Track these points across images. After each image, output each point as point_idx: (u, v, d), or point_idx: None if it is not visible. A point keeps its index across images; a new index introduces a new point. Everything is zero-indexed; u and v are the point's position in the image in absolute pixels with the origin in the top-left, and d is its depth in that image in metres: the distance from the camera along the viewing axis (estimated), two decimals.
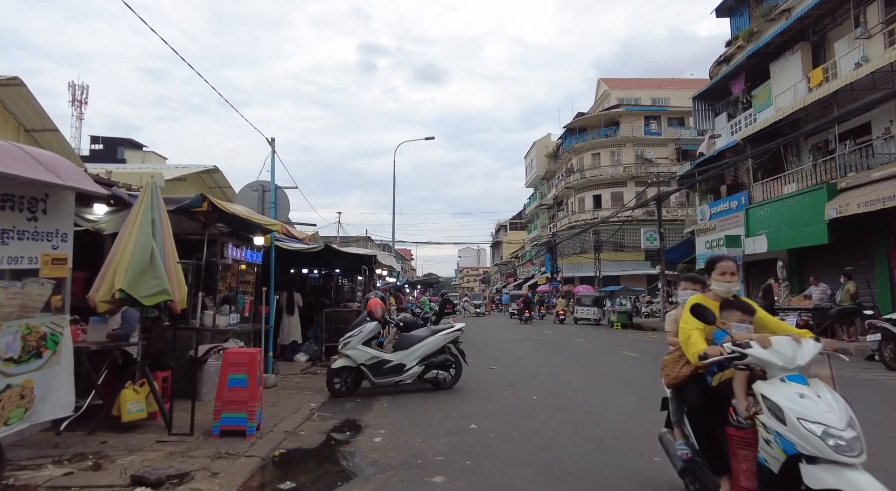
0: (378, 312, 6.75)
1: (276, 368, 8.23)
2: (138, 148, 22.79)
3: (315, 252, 10.09)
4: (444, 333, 6.93)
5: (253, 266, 7.74)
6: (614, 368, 9.00)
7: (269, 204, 8.06)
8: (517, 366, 9.36)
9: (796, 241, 16.48)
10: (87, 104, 70.96)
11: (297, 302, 9.86)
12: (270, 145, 8.10)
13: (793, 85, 18.04)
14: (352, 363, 6.60)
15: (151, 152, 24.72)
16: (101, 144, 41.80)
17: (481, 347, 13.14)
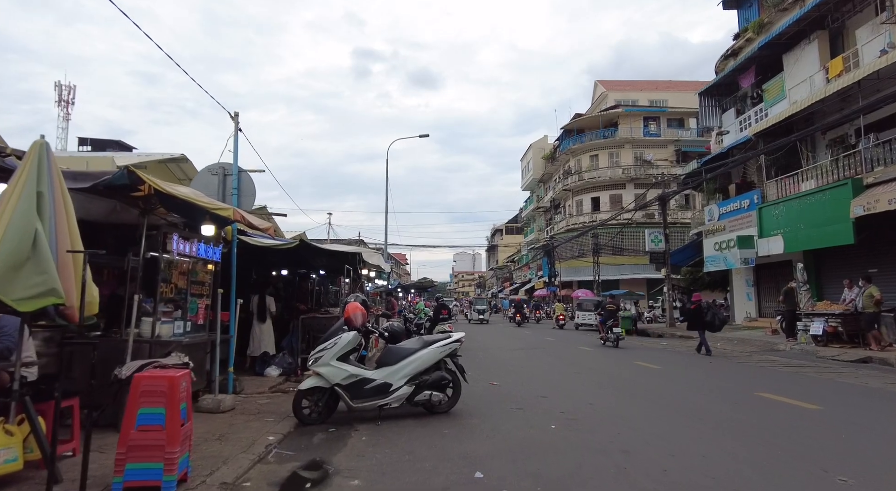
0: (357, 320, 5.48)
1: (240, 386, 6.92)
2: (128, 149, 21.70)
3: (291, 249, 8.82)
4: (439, 344, 5.67)
5: (210, 264, 6.44)
6: (637, 384, 7.74)
7: (231, 190, 6.77)
8: (523, 381, 8.09)
9: (817, 241, 15.38)
10: (73, 104, 69.33)
11: (269, 307, 8.55)
12: (234, 120, 6.83)
13: (808, 77, 17.02)
14: (324, 383, 5.32)
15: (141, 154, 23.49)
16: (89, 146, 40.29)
17: (480, 356, 11.86)
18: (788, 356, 12.40)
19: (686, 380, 8.38)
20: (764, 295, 20.48)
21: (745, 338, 16.42)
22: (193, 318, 6.21)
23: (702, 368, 10.00)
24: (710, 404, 6.27)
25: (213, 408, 5.64)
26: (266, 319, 8.52)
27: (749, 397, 6.60)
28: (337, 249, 8.09)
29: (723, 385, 7.77)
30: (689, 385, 7.79)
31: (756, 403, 6.31)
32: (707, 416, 5.54)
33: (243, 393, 6.87)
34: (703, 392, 7.23)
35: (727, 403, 6.32)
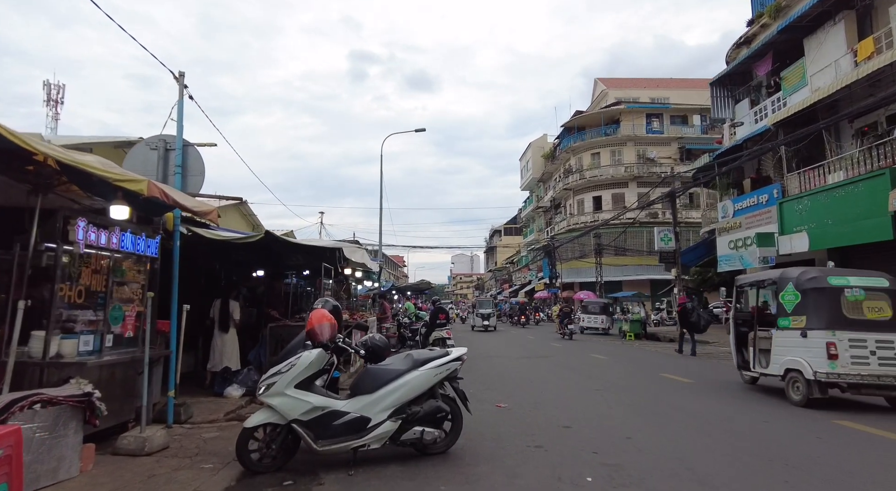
0: (324, 333, 4.12)
1: (186, 413, 5.55)
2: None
3: (262, 247, 7.46)
4: (433, 365, 4.31)
5: (143, 261, 5.08)
6: (679, 407, 6.37)
7: (175, 168, 5.41)
8: (537, 401, 6.74)
9: (848, 237, 14.07)
10: (62, 104, 67.99)
11: (233, 314, 7.19)
12: (178, 82, 5.47)
13: (834, 61, 15.76)
14: (278, 418, 3.97)
15: None
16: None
17: (482, 367, 10.51)
18: None
19: (735, 400, 7.04)
20: None
21: None
22: (122, 329, 4.85)
23: (739, 381, 8.66)
24: (782, 437, 4.93)
25: (136, 449, 4.27)
26: (229, 328, 7.15)
27: (831, 429, 5.25)
28: (310, 244, 6.75)
29: (788, 409, 6.41)
30: (742, 408, 6.44)
31: (846, 439, 4.97)
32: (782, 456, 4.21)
33: (189, 422, 5.50)
34: (762, 417, 5.90)
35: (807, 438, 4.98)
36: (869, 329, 6.54)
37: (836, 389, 6.57)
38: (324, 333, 4.13)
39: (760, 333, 7.73)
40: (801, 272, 7.40)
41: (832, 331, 6.59)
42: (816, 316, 6.77)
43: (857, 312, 6.68)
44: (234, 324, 7.19)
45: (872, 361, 6.38)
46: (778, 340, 7.25)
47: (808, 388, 6.53)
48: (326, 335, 4.14)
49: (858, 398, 6.96)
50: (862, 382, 6.37)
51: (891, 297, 6.78)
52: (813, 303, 6.86)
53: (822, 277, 7.02)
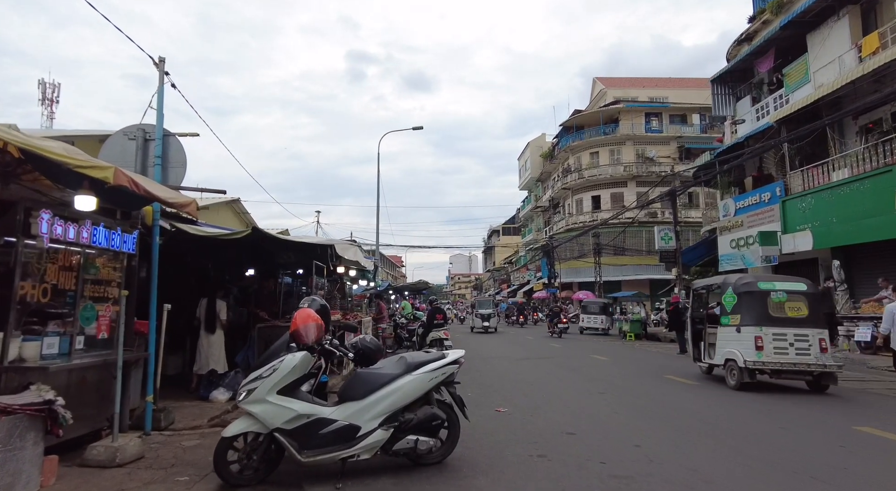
0: (309, 334, 3.80)
1: (167, 419, 5.22)
2: None
3: (252, 244, 7.15)
4: (428, 368, 4.00)
5: (120, 258, 4.75)
6: (687, 411, 6.08)
7: (154, 159, 5.08)
8: (538, 405, 6.43)
9: (853, 236, 13.83)
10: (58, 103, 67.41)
11: (219, 314, 6.86)
12: (158, 69, 5.15)
13: (837, 57, 15.52)
14: (259, 427, 3.65)
15: None
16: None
17: (480, 368, 10.21)
18: None
19: (745, 403, 6.75)
20: None
21: None
22: (95, 329, 4.53)
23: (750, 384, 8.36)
24: (802, 445, 4.63)
25: (106, 460, 3.95)
26: (216, 329, 6.82)
27: (850, 435, 4.95)
28: (300, 241, 6.42)
29: (808, 415, 6.12)
30: (759, 413, 6.15)
31: (866, 445, 4.68)
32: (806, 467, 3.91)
33: (170, 429, 5.18)
34: (778, 422, 5.60)
35: (830, 446, 4.68)
36: (789, 325, 7.74)
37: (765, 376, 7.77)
38: (309, 335, 3.81)
39: (709, 330, 8.89)
40: (738, 278, 8.58)
41: (760, 327, 7.77)
42: (748, 315, 7.92)
43: (780, 311, 7.86)
44: (221, 324, 6.86)
45: (791, 352, 7.61)
46: (720, 335, 8.39)
47: (741, 374, 7.67)
48: (312, 337, 3.82)
49: (780, 382, 8.18)
50: (782, 369, 7.58)
51: (807, 298, 8.00)
52: (745, 304, 8.00)
53: (753, 283, 8.25)
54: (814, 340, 7.69)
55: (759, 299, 7.96)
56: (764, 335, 7.68)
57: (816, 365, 7.50)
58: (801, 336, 7.68)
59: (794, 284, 8.31)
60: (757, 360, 7.57)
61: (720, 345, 8.38)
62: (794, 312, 7.84)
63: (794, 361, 7.55)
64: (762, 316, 7.83)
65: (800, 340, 7.66)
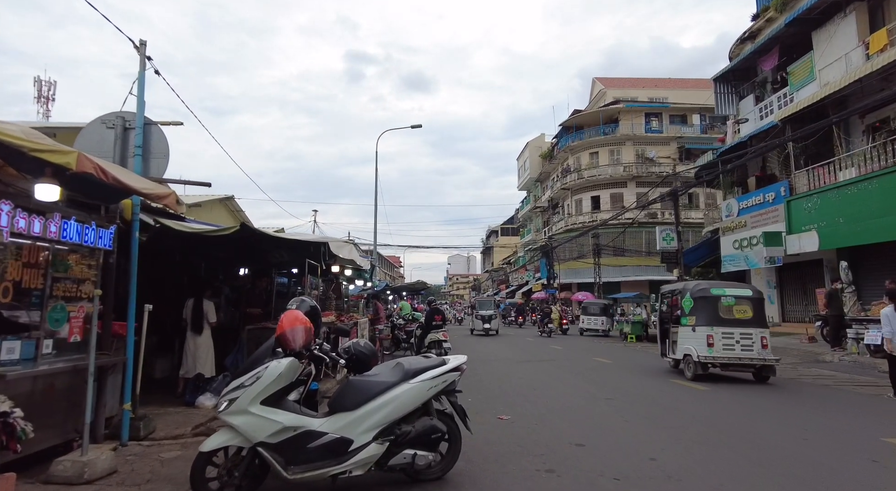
0: (297, 338, 3.46)
1: (147, 427, 4.88)
2: None
3: (241, 241, 6.80)
4: (428, 376, 3.67)
5: (95, 254, 4.41)
6: (702, 420, 5.75)
7: (134, 149, 4.74)
8: (542, 413, 6.10)
9: (860, 236, 13.55)
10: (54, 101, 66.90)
11: (207, 315, 6.51)
12: (139, 52, 4.80)
13: (844, 54, 15.26)
14: (241, 441, 3.31)
15: None
16: None
17: (479, 371, 9.87)
18: (841, 369, 10.52)
19: (761, 412, 6.43)
20: (788, 298, 18.66)
21: (776, 346, 14.47)
22: (66, 332, 4.19)
23: (766, 391, 8.07)
24: (828, 457, 4.31)
25: (73, 476, 3.60)
26: (203, 330, 6.47)
27: (882, 449, 4.63)
28: (291, 238, 6.08)
29: (825, 423, 5.80)
30: (776, 421, 5.83)
31: (893, 456, 4.36)
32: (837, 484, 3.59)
33: (150, 438, 4.83)
34: (797, 430, 5.28)
35: (857, 458, 4.35)
36: (736, 325, 8.89)
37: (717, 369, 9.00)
38: (297, 339, 3.47)
39: (672, 329, 9.97)
40: (695, 285, 9.85)
41: (711, 327, 8.90)
42: (702, 316, 9.08)
43: (729, 314, 9.02)
44: (209, 325, 6.51)
45: (737, 348, 8.76)
46: (680, 334, 9.50)
47: (695, 367, 8.92)
48: (300, 341, 3.48)
49: (728, 373, 9.42)
50: (729, 362, 8.80)
51: (752, 303, 9.13)
52: (700, 307, 9.14)
53: (707, 289, 9.39)
54: (756, 338, 8.82)
55: (712, 303, 9.11)
56: (714, 334, 8.81)
57: (758, 359, 8.71)
58: (745, 334, 8.82)
59: (741, 290, 9.46)
60: (708, 355, 8.74)
61: (680, 342, 9.52)
62: (740, 314, 9.01)
63: (739, 356, 8.75)
64: (713, 317, 8.98)
65: (745, 338, 8.81)
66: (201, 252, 8.31)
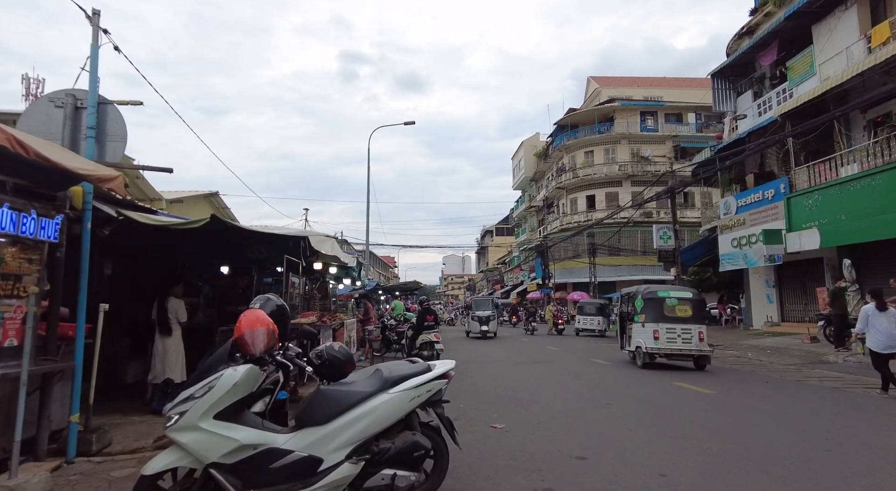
0: (257, 342, 2.99)
1: (101, 440, 4.38)
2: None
3: (216, 237, 6.31)
4: (410, 385, 3.21)
5: (38, 247, 3.91)
6: (712, 429, 5.33)
7: (86, 130, 4.24)
8: (539, 420, 5.65)
9: (863, 233, 13.23)
10: None
11: (175, 315, 6.01)
12: (92, 23, 4.30)
13: (845, 48, 14.97)
14: (191, 461, 2.83)
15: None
16: None
17: (472, 373, 9.43)
18: (847, 371, 10.15)
19: (774, 418, 6.02)
20: (787, 297, 18.36)
21: (777, 347, 14.21)
22: (5, 334, 3.69)
23: (775, 395, 7.67)
24: (855, 472, 3.88)
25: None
26: (172, 331, 5.97)
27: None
28: (267, 232, 5.59)
29: (845, 431, 5.38)
30: (795, 429, 5.41)
31: None
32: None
33: (104, 453, 4.33)
34: (817, 440, 4.87)
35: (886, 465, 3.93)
36: (678, 322, 10.44)
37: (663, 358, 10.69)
38: (257, 343, 2.99)
39: (628, 326, 11.66)
40: (645, 288, 11.40)
41: (657, 323, 10.50)
42: (650, 314, 10.67)
43: (672, 312, 10.57)
44: (179, 326, 6.01)
45: (678, 341, 10.36)
46: (634, 330, 11.19)
47: (644, 357, 10.58)
48: (261, 345, 3.01)
49: (669, 363, 10.99)
50: (672, 353, 10.46)
51: (692, 303, 10.74)
52: (649, 307, 10.72)
53: (654, 291, 11.06)
54: (695, 332, 10.37)
55: (658, 304, 10.64)
56: (660, 329, 10.40)
57: (696, 350, 10.36)
58: (686, 330, 10.36)
59: (683, 292, 11.26)
60: (655, 347, 10.39)
61: (633, 336, 11.14)
62: (682, 313, 10.54)
63: (680, 348, 10.35)
64: (659, 315, 10.53)
65: (685, 333, 10.34)
66: (177, 249, 7.80)
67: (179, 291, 6.04)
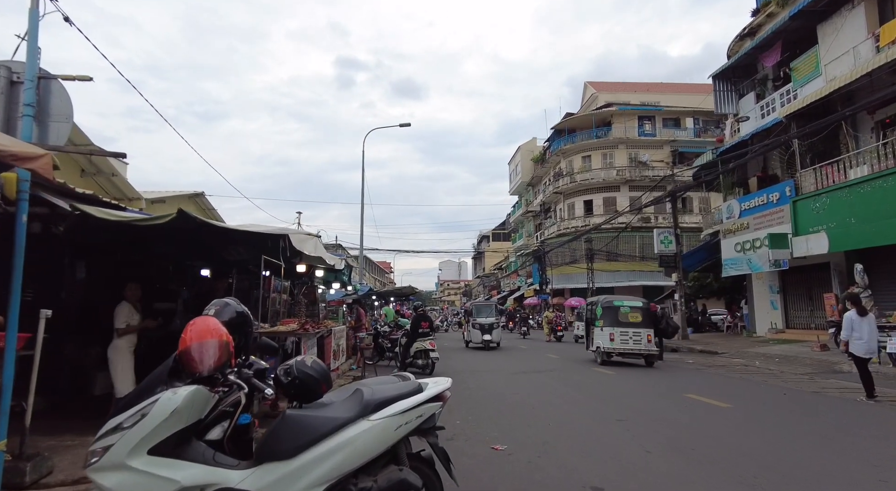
0: (205, 357, 2.41)
1: (35, 471, 3.75)
2: None
3: (187, 234, 5.71)
4: (395, 410, 2.63)
5: None
6: (743, 452, 4.76)
7: (23, 108, 3.65)
8: (547, 441, 5.06)
9: (875, 237, 12.76)
10: None
11: (119, 321, 5.37)
12: None
13: (852, 47, 14.58)
14: None
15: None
16: None
17: (470, 384, 8.82)
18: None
19: (813, 437, 5.46)
20: (792, 303, 17.87)
21: (785, 355, 13.68)
22: None
23: (798, 410, 7.12)
24: None
25: None
26: (116, 340, 5.33)
27: None
28: (242, 229, 4.99)
29: (891, 453, 4.82)
30: (836, 453, 4.85)
31: None
32: None
33: (40, 484, 3.70)
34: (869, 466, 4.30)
35: None
36: (630, 326, 12.45)
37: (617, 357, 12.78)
38: (205, 358, 2.41)
39: (592, 329, 13.69)
40: (604, 298, 13.76)
41: (613, 327, 12.52)
42: (607, 320, 12.72)
43: (626, 318, 12.58)
44: (118, 334, 5.35)
45: (630, 342, 12.34)
46: (595, 333, 13.26)
47: (602, 355, 12.70)
48: (211, 361, 2.42)
49: (623, 361, 13.01)
50: (625, 351, 12.45)
51: (642, 311, 12.75)
52: (607, 314, 12.83)
53: (611, 300, 13.30)
54: (644, 335, 12.39)
55: (614, 311, 12.76)
56: (615, 332, 12.45)
57: (645, 350, 12.37)
58: (637, 333, 12.40)
59: (635, 302, 13.36)
60: (611, 347, 12.46)
61: (595, 338, 13.27)
62: (634, 319, 12.60)
63: (631, 348, 12.34)
64: (615, 321, 12.58)
65: (636, 336, 12.38)
66: (154, 250, 7.20)
67: (132, 293, 5.39)
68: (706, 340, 19.94)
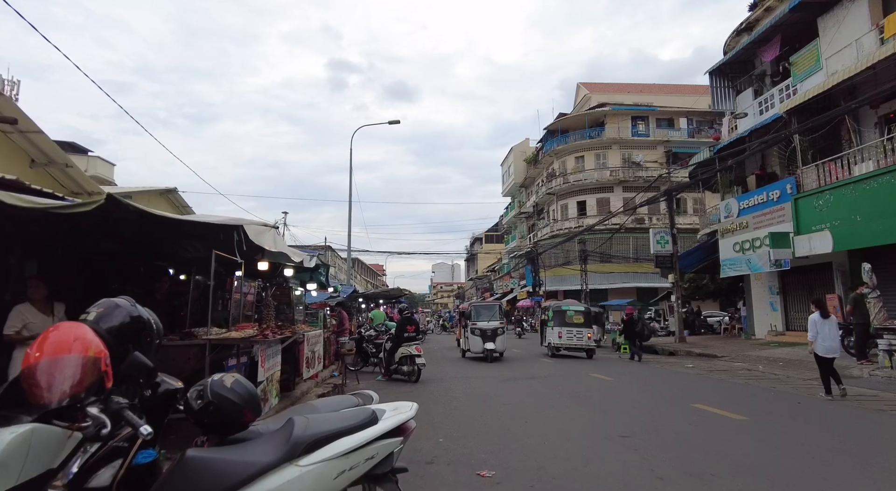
0: (56, 381, 1.68)
1: None
2: (83, 152, 18.46)
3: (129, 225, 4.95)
4: (334, 452, 1.92)
5: None
6: (764, 473, 4.10)
7: None
8: (543, 465, 4.35)
9: (882, 235, 12.22)
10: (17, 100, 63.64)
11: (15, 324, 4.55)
12: None
13: (854, 40, 14.12)
14: None
15: (97, 157, 19.96)
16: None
17: (456, 392, 8.10)
18: (878, 386, 9.05)
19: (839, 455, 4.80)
20: (793, 305, 17.34)
21: (789, 358, 13.10)
22: None
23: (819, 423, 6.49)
24: None
25: None
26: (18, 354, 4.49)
27: None
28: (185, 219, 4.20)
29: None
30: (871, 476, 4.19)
31: None
32: None
33: None
34: None
35: None
36: (574, 326, 15.94)
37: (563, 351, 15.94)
38: (55, 384, 1.67)
39: (545, 329, 16.95)
40: (555, 304, 17.94)
41: (562, 327, 15.99)
42: (556, 321, 16.13)
43: (571, 320, 16.08)
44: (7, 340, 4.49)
45: (574, 338, 15.84)
46: (547, 331, 16.55)
47: (552, 349, 16.09)
48: (64, 387, 1.68)
49: (569, 354, 16.00)
50: (570, 346, 15.91)
51: (584, 313, 16.36)
52: (556, 316, 16.22)
53: (560, 306, 16.96)
54: (584, 334, 15.82)
55: (562, 314, 16.15)
56: (562, 331, 15.82)
57: (585, 345, 15.81)
58: (579, 331, 15.82)
59: (579, 306, 17.01)
60: (559, 343, 15.80)
61: (547, 336, 16.46)
62: (577, 320, 16.00)
63: (575, 344, 15.75)
64: (563, 322, 15.94)
65: (578, 334, 15.79)
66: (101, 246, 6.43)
67: (35, 292, 4.56)
68: (704, 342, 19.40)
